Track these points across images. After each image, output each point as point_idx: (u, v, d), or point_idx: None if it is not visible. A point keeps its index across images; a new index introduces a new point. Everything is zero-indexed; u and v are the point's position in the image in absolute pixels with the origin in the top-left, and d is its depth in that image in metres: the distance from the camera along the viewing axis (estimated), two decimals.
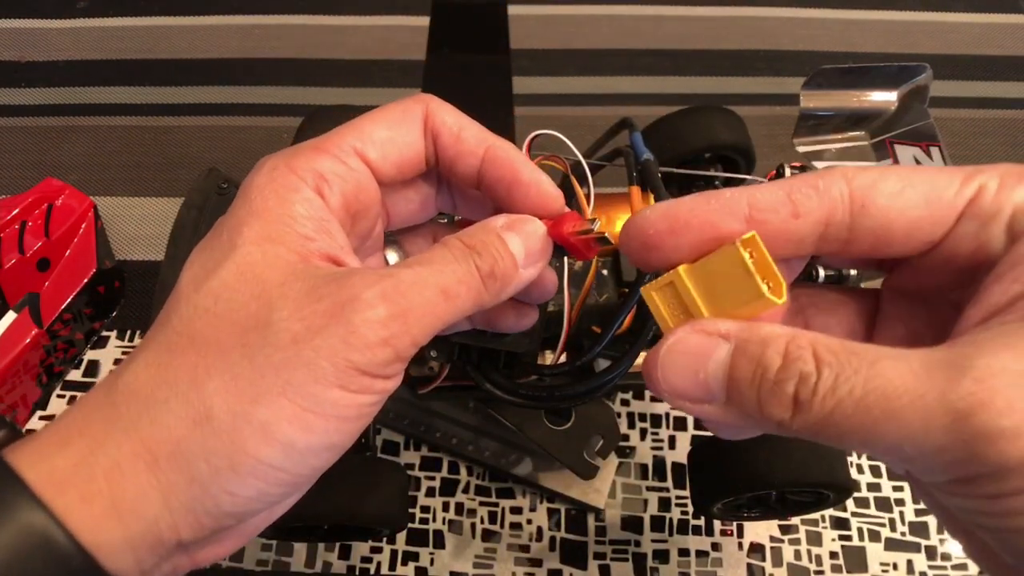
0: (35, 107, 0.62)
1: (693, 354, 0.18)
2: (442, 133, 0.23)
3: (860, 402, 0.16)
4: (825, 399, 0.16)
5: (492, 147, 0.24)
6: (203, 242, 0.22)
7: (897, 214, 0.18)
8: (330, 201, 0.22)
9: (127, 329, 0.51)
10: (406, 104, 0.23)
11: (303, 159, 0.21)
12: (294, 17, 0.69)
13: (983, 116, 0.64)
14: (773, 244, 0.18)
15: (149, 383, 0.19)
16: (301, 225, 0.21)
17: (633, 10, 0.70)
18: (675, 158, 0.43)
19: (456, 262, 0.21)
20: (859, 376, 0.16)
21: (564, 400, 0.33)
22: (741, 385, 0.17)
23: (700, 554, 0.44)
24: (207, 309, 0.19)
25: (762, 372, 0.17)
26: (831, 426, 0.16)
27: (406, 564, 0.43)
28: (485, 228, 0.22)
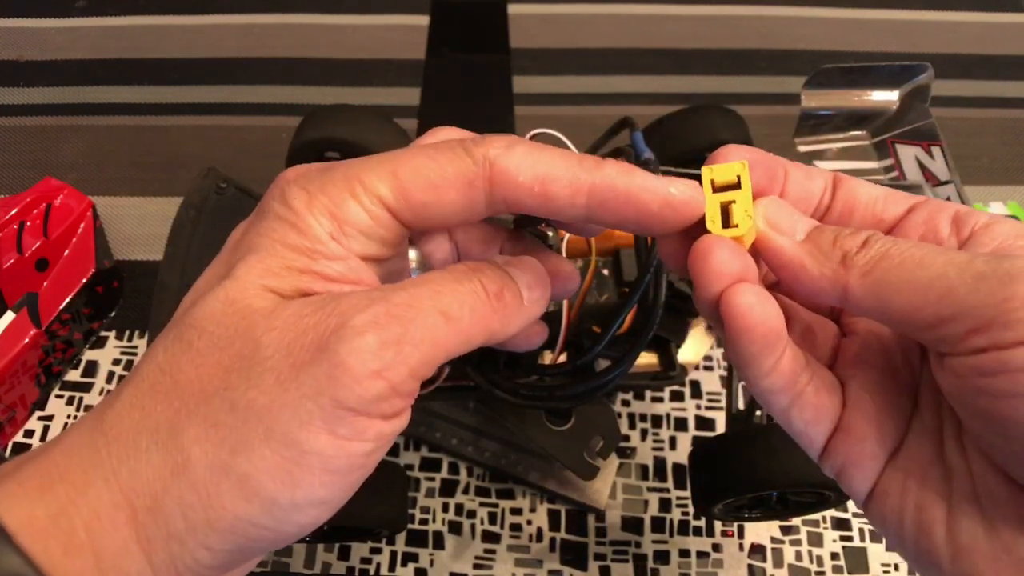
0: (33, 106, 0.62)
1: (798, 207, 0.21)
2: (522, 198, 0.19)
3: (915, 246, 0.18)
4: (887, 242, 0.19)
5: (594, 186, 0.19)
6: (214, 262, 0.21)
7: (862, 193, 0.22)
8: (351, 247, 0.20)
9: (126, 329, 0.50)
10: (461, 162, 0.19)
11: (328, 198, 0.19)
12: (294, 16, 0.69)
13: (984, 115, 0.64)
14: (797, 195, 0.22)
15: (132, 428, 0.18)
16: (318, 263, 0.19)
17: (633, 9, 0.70)
18: (676, 157, 0.43)
19: (458, 282, 0.19)
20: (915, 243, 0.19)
21: (564, 400, 0.33)
22: (825, 230, 0.20)
23: (701, 555, 0.44)
24: (190, 344, 0.18)
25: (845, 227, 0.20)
26: (888, 258, 0.18)
27: (406, 565, 0.43)
28: (486, 259, 0.21)
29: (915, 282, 0.18)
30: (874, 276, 0.18)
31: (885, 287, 0.18)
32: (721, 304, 0.19)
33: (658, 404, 0.48)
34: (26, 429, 0.46)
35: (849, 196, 0.22)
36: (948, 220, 0.20)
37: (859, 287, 0.19)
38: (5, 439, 0.45)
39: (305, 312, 0.18)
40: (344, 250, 0.19)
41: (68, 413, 0.47)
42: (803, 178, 0.22)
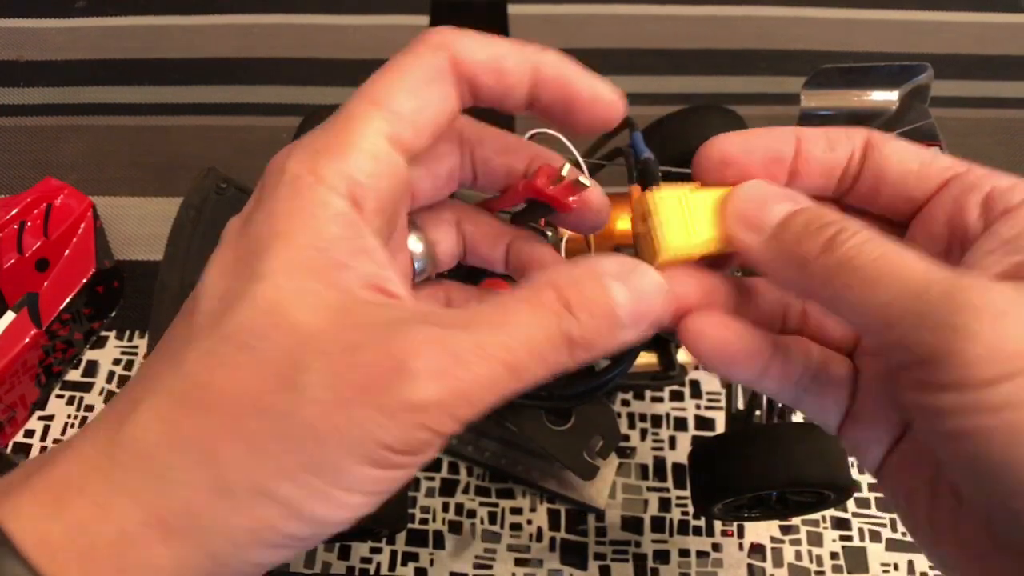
0: (33, 107, 0.62)
1: (770, 194, 0.21)
2: (480, 76, 0.20)
3: (878, 259, 0.18)
4: (850, 248, 0.18)
5: (538, 67, 0.20)
6: (219, 257, 0.19)
7: (896, 163, 0.21)
8: (365, 210, 0.18)
9: (126, 329, 0.50)
10: (424, 56, 0.20)
11: (330, 162, 0.18)
12: (294, 16, 0.69)
13: (984, 116, 0.64)
14: (813, 169, 0.22)
15: (160, 444, 0.16)
16: (336, 249, 0.18)
17: (633, 9, 0.70)
18: (675, 157, 0.43)
19: (541, 328, 0.17)
20: (885, 246, 0.18)
21: (564, 400, 0.33)
22: (791, 225, 0.20)
23: (700, 554, 0.44)
24: (227, 358, 0.17)
25: (814, 220, 0.19)
26: (845, 272, 0.18)
27: (406, 565, 0.43)
28: (593, 275, 0.18)
29: (865, 304, 0.18)
30: (830, 290, 0.18)
31: (839, 301, 0.18)
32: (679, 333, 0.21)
33: (658, 404, 0.48)
34: (26, 429, 0.46)
35: (878, 170, 0.21)
36: (978, 202, 0.19)
37: (818, 296, 0.19)
38: (5, 439, 0.45)
39: (361, 342, 0.17)
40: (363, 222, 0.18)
41: (68, 413, 0.47)
42: (822, 151, 0.21)
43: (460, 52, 0.20)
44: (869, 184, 0.21)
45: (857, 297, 0.18)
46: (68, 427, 0.46)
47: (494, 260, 0.26)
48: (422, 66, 0.20)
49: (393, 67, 0.20)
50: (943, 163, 0.21)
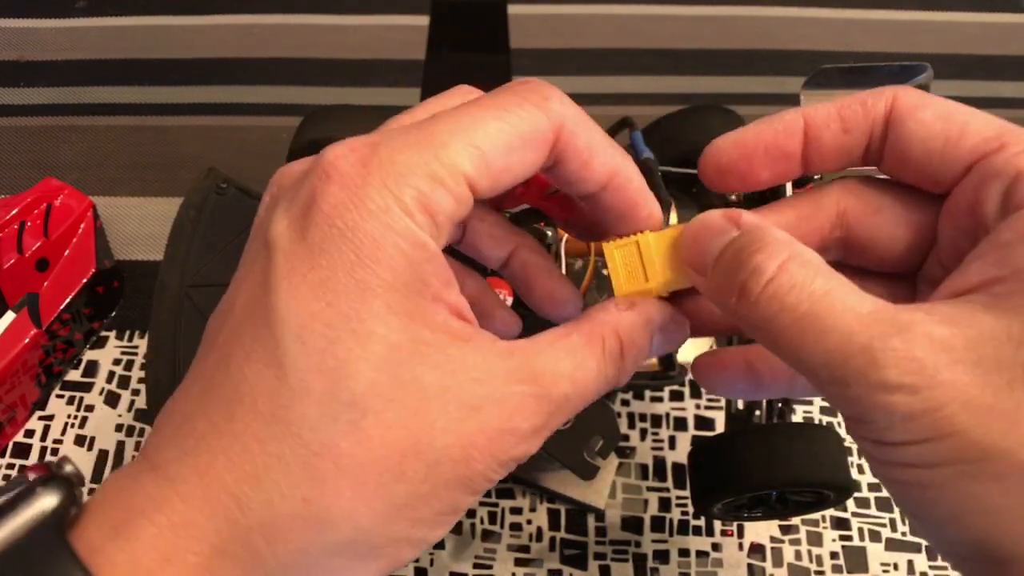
0: (34, 107, 0.62)
1: (708, 229, 0.20)
2: (570, 160, 0.20)
3: (800, 319, 0.17)
4: (771, 302, 0.17)
5: (617, 176, 0.21)
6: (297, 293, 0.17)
7: (919, 142, 0.19)
8: (440, 243, 0.18)
9: (126, 329, 0.50)
10: (535, 118, 0.18)
11: (415, 192, 0.17)
12: (294, 16, 0.69)
13: None
14: (827, 155, 0.20)
15: (296, 523, 0.16)
16: (433, 288, 0.18)
17: (633, 10, 0.70)
18: (675, 157, 0.43)
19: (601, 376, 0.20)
20: (810, 298, 0.17)
21: None
22: (719, 264, 0.19)
23: (700, 554, 0.44)
24: (353, 424, 0.16)
25: (737, 255, 0.18)
26: (768, 328, 0.17)
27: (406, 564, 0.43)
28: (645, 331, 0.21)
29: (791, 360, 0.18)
30: (756, 335, 0.18)
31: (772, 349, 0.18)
32: None
33: (658, 404, 0.48)
34: (26, 429, 0.46)
35: (899, 150, 0.19)
36: (1000, 191, 0.18)
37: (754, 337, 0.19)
38: (5, 439, 0.45)
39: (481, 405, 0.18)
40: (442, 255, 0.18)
41: (68, 413, 0.47)
42: (834, 133, 0.20)
43: (567, 131, 0.19)
44: (894, 161, 0.20)
45: (782, 355, 0.18)
46: (68, 427, 0.46)
47: (492, 259, 0.25)
48: (528, 125, 0.19)
49: (498, 111, 0.18)
50: (972, 140, 0.18)
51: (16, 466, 0.45)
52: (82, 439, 0.46)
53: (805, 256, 0.18)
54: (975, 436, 0.15)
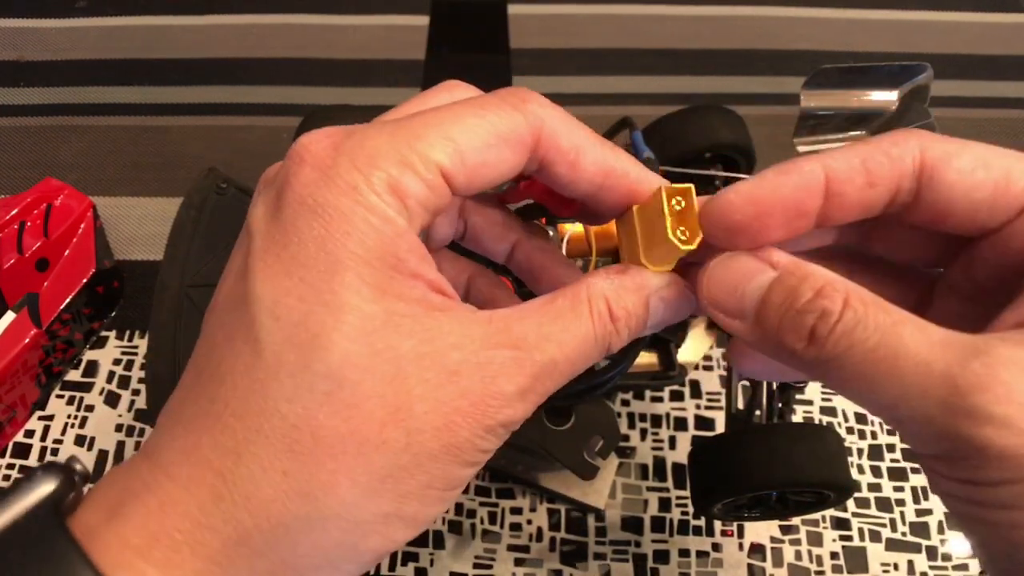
0: (34, 107, 0.62)
1: (740, 272, 0.19)
2: (556, 162, 0.20)
3: (870, 353, 0.16)
4: (839, 340, 0.16)
5: (612, 174, 0.20)
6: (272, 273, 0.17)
7: (962, 194, 0.18)
8: (413, 227, 0.18)
9: (126, 329, 0.50)
10: (512, 116, 0.19)
11: (384, 175, 0.17)
12: (294, 16, 0.69)
13: (984, 116, 0.64)
14: (848, 211, 0.19)
15: (278, 497, 0.16)
16: (408, 263, 0.18)
17: (633, 9, 0.70)
18: (675, 157, 0.43)
19: (594, 340, 0.19)
20: (878, 331, 0.16)
21: (563, 399, 0.33)
22: (770, 308, 0.18)
23: (700, 554, 0.44)
24: (329, 395, 0.16)
25: (791, 301, 0.17)
26: (838, 368, 0.17)
27: (405, 564, 0.43)
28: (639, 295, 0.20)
29: (866, 400, 0.17)
30: (826, 379, 0.17)
31: (840, 389, 0.17)
32: None
33: (658, 404, 0.48)
34: (26, 429, 0.46)
35: (939, 202, 0.18)
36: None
37: (818, 380, 0.18)
38: (5, 439, 0.45)
39: (459, 369, 0.17)
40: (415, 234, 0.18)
41: (68, 413, 0.47)
42: (859, 188, 0.18)
43: (547, 133, 0.19)
44: (929, 214, 0.19)
45: (855, 394, 0.17)
46: (68, 427, 0.46)
47: (496, 253, 0.25)
48: (505, 124, 0.19)
49: (476, 109, 0.19)
50: (1020, 185, 0.18)
51: (16, 466, 0.45)
52: (82, 439, 0.46)
53: (862, 292, 0.17)
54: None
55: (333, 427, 0.16)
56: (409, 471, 0.17)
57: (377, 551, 0.18)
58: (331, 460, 0.16)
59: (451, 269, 0.25)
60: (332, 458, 0.16)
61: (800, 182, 0.18)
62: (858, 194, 0.18)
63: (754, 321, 0.18)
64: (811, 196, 0.18)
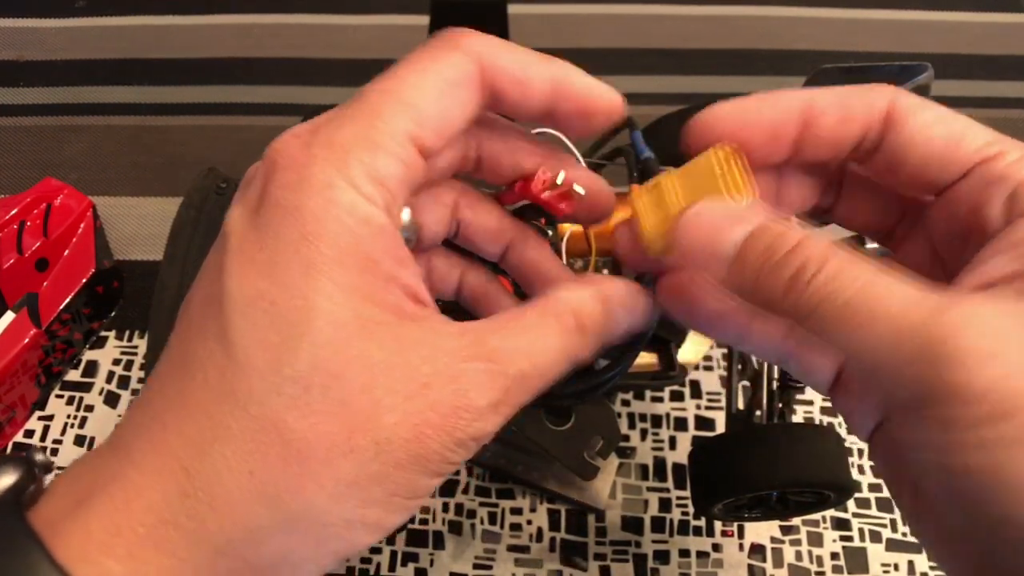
0: (33, 107, 0.62)
1: (714, 224, 0.19)
2: (506, 89, 0.20)
3: (848, 301, 0.16)
4: (817, 289, 0.17)
5: (562, 82, 0.20)
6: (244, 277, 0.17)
7: (920, 143, 0.19)
8: (392, 216, 0.18)
9: (126, 329, 0.50)
10: (453, 58, 0.19)
11: (360, 164, 0.17)
12: (294, 16, 0.69)
13: (984, 116, 0.64)
14: (820, 144, 0.20)
15: (243, 497, 0.16)
16: (384, 263, 0.18)
17: (634, 9, 0.70)
18: (676, 157, 0.43)
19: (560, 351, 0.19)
20: (856, 282, 0.17)
21: (564, 399, 0.33)
22: (747, 259, 0.18)
23: (701, 555, 0.44)
24: (297, 399, 0.16)
25: (770, 252, 0.18)
26: (815, 316, 0.17)
27: (406, 565, 0.43)
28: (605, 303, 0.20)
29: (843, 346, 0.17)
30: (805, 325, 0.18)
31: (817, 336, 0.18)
32: None
33: (658, 404, 0.48)
34: (26, 429, 0.46)
35: (900, 146, 0.19)
36: (1004, 197, 0.18)
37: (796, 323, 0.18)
38: (5, 439, 0.45)
39: (430, 382, 0.17)
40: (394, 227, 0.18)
41: (68, 413, 0.47)
42: (834, 125, 0.19)
43: (488, 60, 0.20)
44: (887, 162, 0.20)
45: (834, 339, 0.17)
46: (68, 427, 0.46)
47: (489, 253, 0.25)
48: (450, 68, 0.19)
49: (418, 65, 0.19)
50: (971, 145, 0.19)
51: None
52: (82, 439, 0.46)
53: (841, 247, 0.18)
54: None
55: (301, 432, 0.16)
56: (375, 479, 0.17)
57: (338, 553, 0.18)
58: (297, 464, 0.16)
59: (443, 265, 0.25)
60: (299, 462, 0.16)
61: (782, 107, 0.20)
62: (832, 128, 0.19)
63: (731, 269, 0.19)
64: (791, 118, 0.19)
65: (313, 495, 0.17)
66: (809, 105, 0.20)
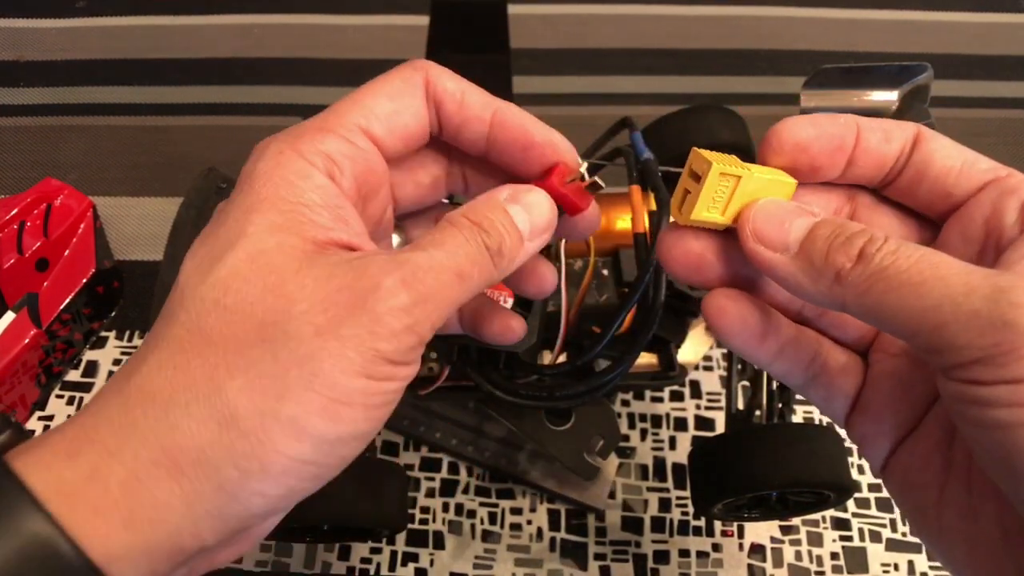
0: (34, 107, 0.62)
1: (786, 210, 0.21)
2: (445, 100, 0.23)
3: (915, 264, 0.18)
4: (885, 256, 0.18)
5: (499, 111, 0.23)
6: (205, 230, 0.21)
7: (939, 158, 0.21)
8: (342, 185, 0.21)
9: (126, 329, 0.50)
10: (404, 72, 0.23)
11: (309, 142, 0.21)
12: (294, 16, 0.69)
13: (984, 116, 0.64)
14: (868, 160, 0.22)
15: (165, 386, 0.18)
16: (316, 214, 0.20)
17: (633, 9, 0.70)
18: (676, 157, 0.43)
19: (467, 243, 0.21)
20: (918, 251, 0.18)
21: (564, 400, 0.33)
22: (817, 239, 0.20)
23: (701, 555, 0.44)
24: (217, 302, 0.19)
25: (839, 231, 0.20)
26: (884, 279, 0.18)
27: (406, 565, 0.43)
28: (490, 203, 0.22)
29: (909, 310, 0.18)
30: (869, 298, 0.19)
31: (880, 309, 0.18)
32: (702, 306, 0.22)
33: (658, 404, 0.48)
34: (26, 429, 0.46)
35: (923, 162, 0.21)
36: (1017, 206, 0.20)
37: (855, 306, 0.19)
38: None
39: (334, 273, 0.19)
40: (341, 195, 0.21)
41: (68, 413, 0.47)
42: (879, 142, 0.22)
43: (432, 76, 0.23)
44: (911, 177, 0.22)
45: (899, 303, 0.18)
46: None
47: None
48: (400, 80, 0.23)
49: (376, 80, 0.23)
50: (985, 165, 0.21)
51: None
52: None
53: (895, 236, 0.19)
54: None
55: (219, 329, 0.18)
56: (286, 367, 0.18)
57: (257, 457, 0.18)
58: (212, 355, 0.18)
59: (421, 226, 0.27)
60: (213, 353, 0.18)
61: (842, 123, 0.22)
62: (878, 146, 0.22)
63: (797, 252, 0.20)
64: (849, 134, 0.22)
65: (225, 382, 0.18)
66: (859, 125, 0.22)
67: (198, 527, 0.18)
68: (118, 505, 0.17)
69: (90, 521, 0.17)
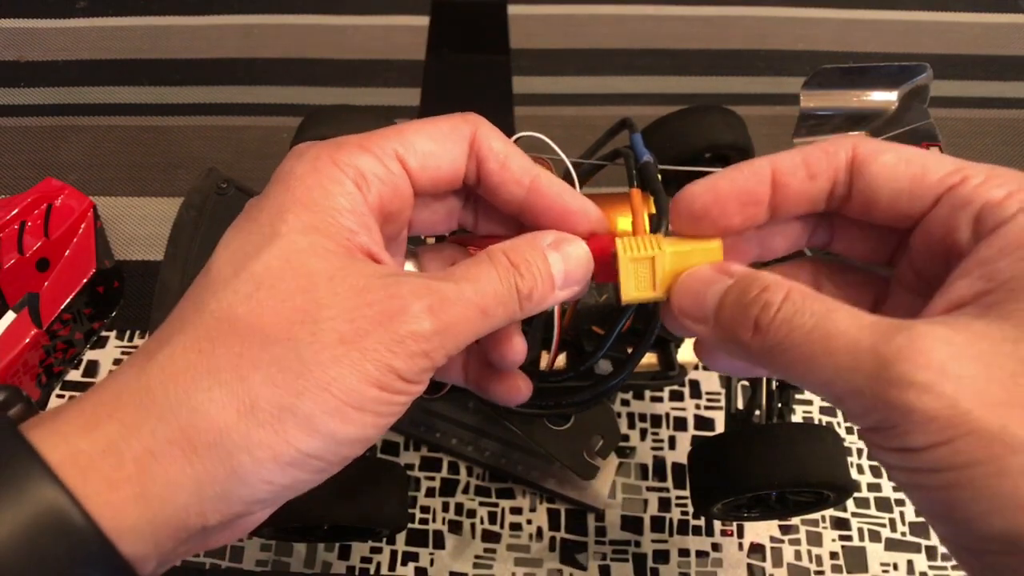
0: (34, 107, 0.62)
1: (702, 281, 0.21)
2: (488, 159, 0.24)
3: (807, 336, 0.18)
4: (780, 327, 0.19)
5: (537, 179, 0.24)
6: (238, 224, 0.21)
7: (885, 183, 0.21)
8: (368, 199, 0.22)
9: (126, 329, 0.51)
10: (454, 121, 0.23)
11: (346, 154, 0.21)
12: (294, 17, 0.69)
13: (983, 116, 0.64)
14: (794, 201, 0.22)
15: (189, 370, 0.18)
16: (345, 218, 0.21)
17: (633, 10, 0.70)
18: (675, 158, 0.43)
19: (499, 283, 0.21)
20: (814, 316, 0.18)
21: (569, 408, 0.33)
22: (725, 308, 0.20)
23: (700, 554, 0.44)
24: (249, 296, 0.19)
25: (740, 297, 0.20)
26: (781, 352, 0.19)
27: (406, 564, 0.43)
28: (532, 246, 0.22)
29: (810, 382, 0.18)
30: (776, 368, 0.19)
31: (789, 377, 0.19)
32: None
33: (658, 404, 0.49)
34: None
35: (868, 188, 0.21)
36: (970, 219, 0.19)
37: (771, 371, 0.20)
38: None
39: (368, 286, 0.20)
40: (366, 206, 0.21)
41: None
42: (801, 182, 0.21)
43: (481, 133, 0.23)
44: (862, 204, 0.21)
45: (801, 375, 0.19)
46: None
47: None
48: (448, 127, 0.23)
49: (426, 119, 0.24)
50: (935, 176, 0.20)
51: None
52: None
53: (803, 288, 0.19)
54: (994, 431, 0.16)
55: (247, 321, 0.19)
56: (308, 366, 0.19)
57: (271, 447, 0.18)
58: (239, 345, 0.19)
59: (436, 259, 0.27)
60: (240, 343, 0.19)
61: (750, 173, 0.21)
62: (801, 186, 0.21)
63: (714, 322, 0.21)
64: (760, 185, 0.21)
65: (248, 372, 0.18)
66: (776, 168, 0.21)
67: (204, 508, 0.18)
68: (131, 480, 0.18)
69: (102, 493, 0.17)
